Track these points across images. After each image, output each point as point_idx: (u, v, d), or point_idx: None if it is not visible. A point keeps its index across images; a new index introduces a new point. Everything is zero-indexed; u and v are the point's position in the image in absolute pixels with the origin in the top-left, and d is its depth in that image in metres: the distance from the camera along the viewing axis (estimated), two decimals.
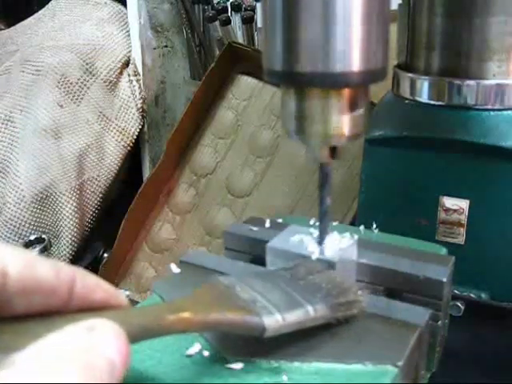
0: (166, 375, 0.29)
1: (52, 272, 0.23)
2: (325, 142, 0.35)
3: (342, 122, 0.33)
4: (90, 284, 0.24)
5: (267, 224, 0.44)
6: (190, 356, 0.31)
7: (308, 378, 0.28)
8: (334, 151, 0.36)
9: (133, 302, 0.74)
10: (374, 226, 0.43)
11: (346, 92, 0.33)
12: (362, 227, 0.43)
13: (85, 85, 1.07)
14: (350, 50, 0.31)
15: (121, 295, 0.26)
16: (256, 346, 0.30)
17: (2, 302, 0.21)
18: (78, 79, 1.07)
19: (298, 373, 0.29)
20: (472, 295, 0.59)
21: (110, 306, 0.25)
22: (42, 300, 0.23)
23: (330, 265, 0.36)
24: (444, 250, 0.44)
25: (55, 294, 0.23)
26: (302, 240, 0.38)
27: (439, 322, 0.36)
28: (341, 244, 0.38)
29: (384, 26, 0.32)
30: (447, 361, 0.42)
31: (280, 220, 0.45)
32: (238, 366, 0.29)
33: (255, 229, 0.43)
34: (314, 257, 0.36)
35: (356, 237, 0.40)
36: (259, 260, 0.40)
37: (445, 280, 0.36)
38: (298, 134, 0.35)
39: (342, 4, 0.30)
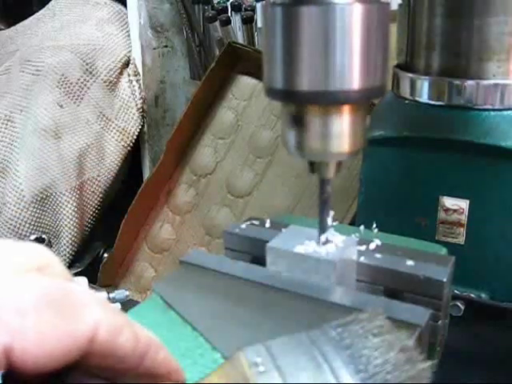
0: None
1: (131, 342, 0.22)
2: (325, 159, 0.35)
3: (342, 139, 0.33)
4: (159, 360, 0.24)
5: (267, 224, 0.44)
6: (190, 356, 0.31)
7: None
8: (334, 167, 0.36)
9: (133, 302, 0.74)
10: (374, 225, 0.43)
11: (346, 109, 0.33)
12: (362, 227, 0.43)
13: (85, 85, 1.07)
14: (350, 68, 0.31)
15: (182, 375, 0.25)
16: (255, 344, 0.30)
17: (77, 361, 0.21)
18: (78, 79, 1.07)
19: None
20: (472, 295, 0.59)
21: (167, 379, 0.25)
22: (110, 364, 0.22)
23: (330, 265, 0.36)
24: (444, 250, 0.44)
25: (124, 363, 0.22)
26: (302, 240, 0.38)
27: (439, 322, 0.36)
28: (341, 244, 0.38)
29: (383, 45, 0.33)
30: (447, 361, 0.42)
31: (280, 220, 0.45)
32: None
33: (255, 229, 0.43)
34: (313, 257, 0.36)
35: (356, 237, 0.40)
36: (259, 260, 0.40)
37: (445, 280, 0.36)
38: (298, 150, 0.35)
39: (341, 23, 0.30)
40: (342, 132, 0.33)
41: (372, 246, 0.40)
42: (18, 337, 0.19)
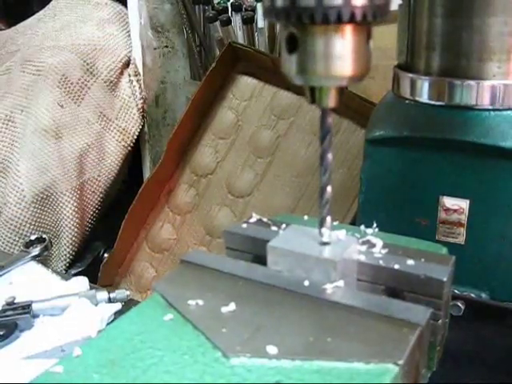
0: (168, 374, 0.29)
1: None
2: (326, 83, 0.34)
3: (344, 61, 0.32)
4: None
5: (268, 223, 0.44)
6: (191, 355, 0.31)
7: (309, 377, 0.28)
8: (335, 94, 0.34)
9: (133, 302, 0.74)
10: (375, 225, 0.44)
11: (349, 29, 0.32)
12: (362, 226, 0.44)
13: (85, 85, 1.07)
14: None
15: None
16: (257, 344, 0.31)
17: None
18: (79, 79, 1.07)
19: (299, 371, 0.29)
20: (472, 295, 0.59)
21: None
22: None
23: (331, 264, 0.36)
24: (444, 250, 0.44)
25: None
26: (303, 239, 0.38)
27: (439, 322, 0.37)
28: (342, 243, 0.38)
29: None
30: (447, 361, 0.42)
31: (280, 219, 0.45)
32: (240, 364, 0.29)
33: (256, 228, 0.43)
34: (314, 256, 0.36)
35: (357, 236, 0.40)
36: (261, 259, 0.40)
37: (445, 279, 0.36)
38: (299, 75, 0.33)
39: None
40: (343, 53, 0.32)
41: (372, 245, 0.40)
42: None
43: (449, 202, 0.59)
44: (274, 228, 0.43)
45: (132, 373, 0.29)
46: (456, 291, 0.58)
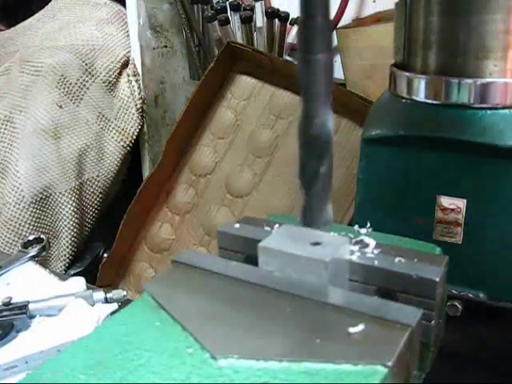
0: (154, 375, 0.29)
1: None
2: None
3: None
4: None
5: (261, 223, 0.44)
6: (179, 356, 0.30)
7: (296, 378, 0.28)
8: None
9: (130, 302, 0.74)
10: (368, 225, 0.43)
11: None
12: (356, 226, 0.43)
13: (84, 85, 1.07)
14: None
15: None
16: (246, 345, 0.30)
17: None
18: (78, 79, 1.07)
19: (286, 372, 0.28)
20: (470, 295, 0.58)
21: None
22: None
23: (322, 264, 0.35)
24: (438, 250, 0.43)
25: None
26: (295, 239, 0.38)
27: (432, 322, 0.36)
28: (333, 243, 0.38)
29: None
30: (445, 361, 0.42)
31: (274, 219, 0.45)
32: (227, 365, 0.29)
33: (248, 228, 0.43)
34: (305, 256, 0.36)
35: (349, 236, 0.40)
36: (253, 259, 0.40)
37: (437, 279, 0.35)
38: None
39: None
40: None
41: (365, 245, 0.40)
42: None
43: (446, 201, 0.58)
44: (266, 228, 0.43)
45: (119, 373, 0.29)
46: (453, 291, 0.57)
